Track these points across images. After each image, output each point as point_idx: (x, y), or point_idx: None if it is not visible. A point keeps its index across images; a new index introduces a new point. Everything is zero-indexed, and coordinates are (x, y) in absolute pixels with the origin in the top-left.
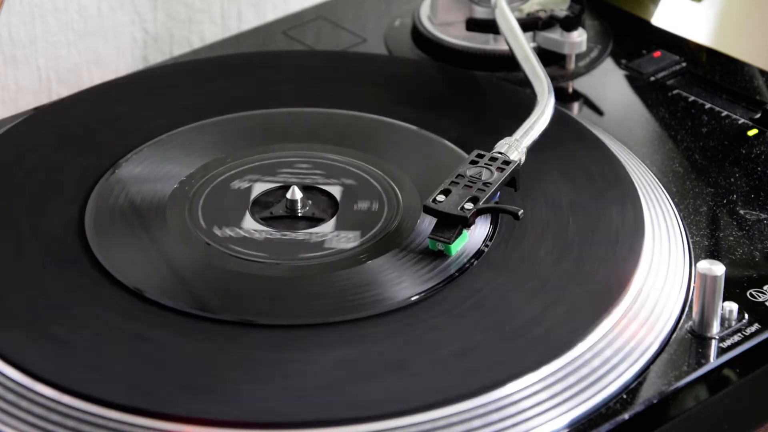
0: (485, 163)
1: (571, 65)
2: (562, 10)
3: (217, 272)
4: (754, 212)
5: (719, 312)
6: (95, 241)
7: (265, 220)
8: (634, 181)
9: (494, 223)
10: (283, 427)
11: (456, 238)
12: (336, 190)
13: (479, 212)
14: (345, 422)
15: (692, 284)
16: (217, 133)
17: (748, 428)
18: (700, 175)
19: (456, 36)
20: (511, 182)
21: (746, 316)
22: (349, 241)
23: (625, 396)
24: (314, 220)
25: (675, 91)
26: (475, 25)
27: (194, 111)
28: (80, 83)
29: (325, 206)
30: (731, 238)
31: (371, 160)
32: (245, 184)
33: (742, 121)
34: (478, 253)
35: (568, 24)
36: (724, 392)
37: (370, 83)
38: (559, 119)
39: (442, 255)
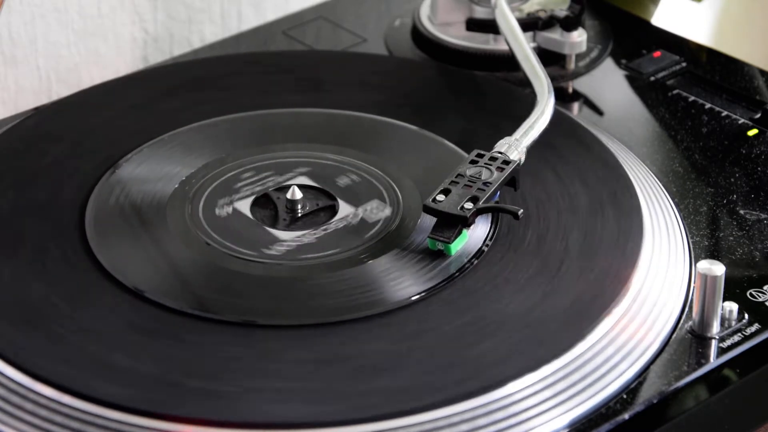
0: (485, 163)
1: (571, 65)
2: (562, 10)
3: (217, 272)
4: (754, 212)
5: (719, 312)
6: (95, 241)
7: (266, 221)
8: (633, 181)
9: (494, 222)
10: (283, 428)
11: (456, 237)
12: (336, 191)
13: (479, 212)
14: (345, 423)
15: (692, 284)
16: (217, 133)
17: (748, 428)
18: (700, 175)
19: (456, 36)
20: (511, 182)
21: (746, 316)
22: (381, 210)
23: (625, 396)
24: (314, 220)
25: (675, 91)
26: (475, 25)
27: (194, 111)
28: (80, 83)
29: (326, 206)
30: (731, 238)
31: (371, 160)
32: (245, 184)
33: (742, 121)
34: (479, 253)
35: (568, 24)
36: (724, 392)
37: (370, 83)
38: (559, 119)
39: (443, 254)
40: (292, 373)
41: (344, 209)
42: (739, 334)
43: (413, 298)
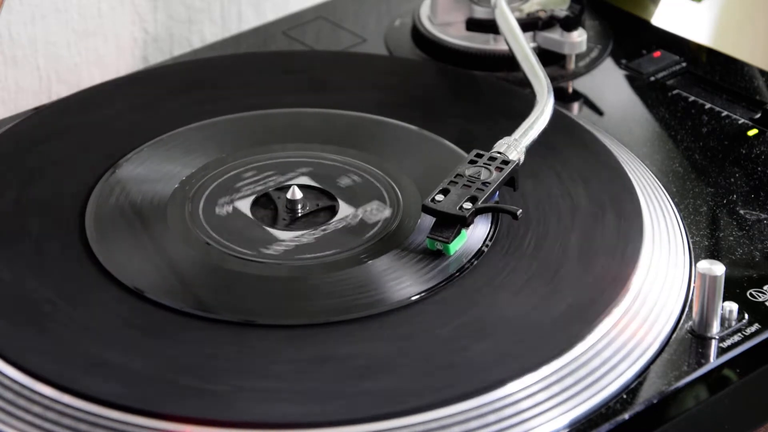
0: (484, 163)
1: (571, 65)
2: (562, 10)
3: (217, 272)
4: (754, 212)
5: (719, 312)
6: (95, 241)
7: (265, 220)
8: (633, 181)
9: (494, 223)
10: (283, 428)
11: (455, 237)
12: (337, 191)
13: (478, 212)
14: (344, 423)
15: (692, 284)
16: (217, 133)
17: (748, 428)
18: (700, 175)
19: (456, 36)
20: (510, 182)
21: (746, 316)
22: (381, 211)
23: (625, 396)
24: (314, 220)
25: (675, 91)
26: (475, 25)
27: (194, 111)
28: (80, 83)
29: (326, 206)
30: (731, 238)
31: (371, 160)
32: (245, 185)
33: (742, 121)
34: (478, 253)
35: (568, 24)
36: (724, 392)
37: (370, 83)
38: (559, 119)
39: (442, 255)
40: (292, 373)
41: (344, 210)
42: (739, 334)
43: (413, 298)
